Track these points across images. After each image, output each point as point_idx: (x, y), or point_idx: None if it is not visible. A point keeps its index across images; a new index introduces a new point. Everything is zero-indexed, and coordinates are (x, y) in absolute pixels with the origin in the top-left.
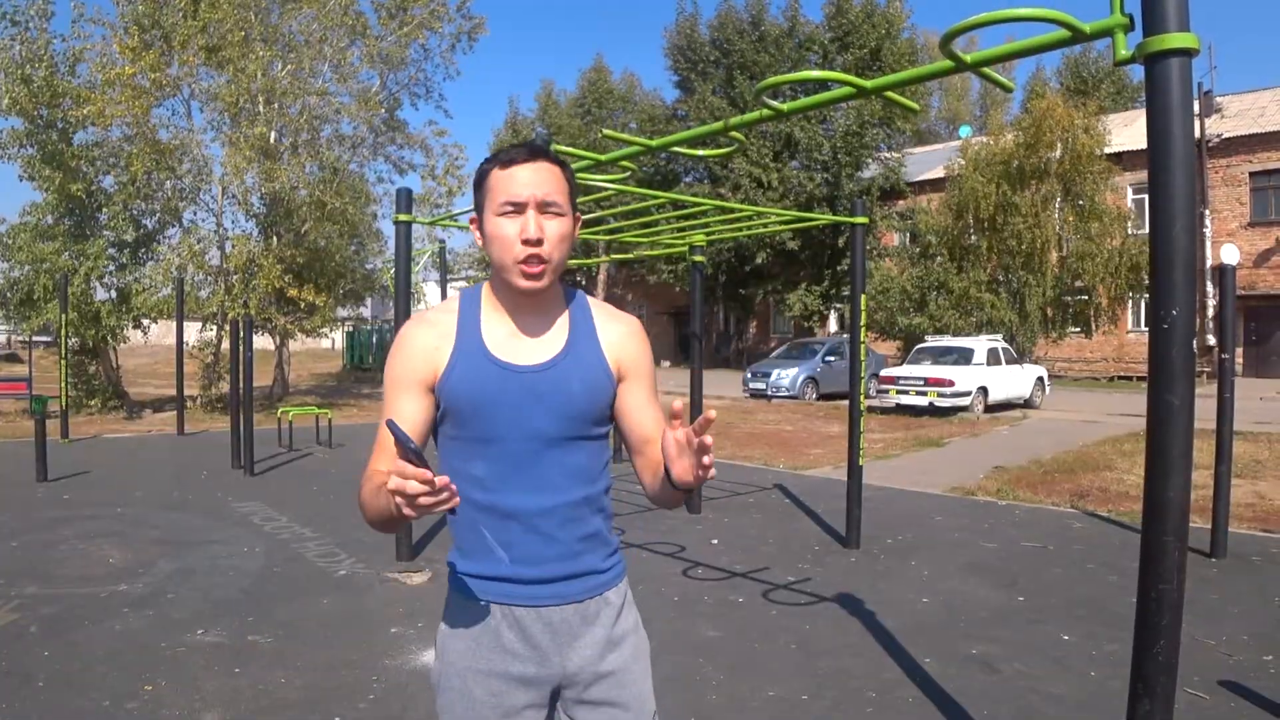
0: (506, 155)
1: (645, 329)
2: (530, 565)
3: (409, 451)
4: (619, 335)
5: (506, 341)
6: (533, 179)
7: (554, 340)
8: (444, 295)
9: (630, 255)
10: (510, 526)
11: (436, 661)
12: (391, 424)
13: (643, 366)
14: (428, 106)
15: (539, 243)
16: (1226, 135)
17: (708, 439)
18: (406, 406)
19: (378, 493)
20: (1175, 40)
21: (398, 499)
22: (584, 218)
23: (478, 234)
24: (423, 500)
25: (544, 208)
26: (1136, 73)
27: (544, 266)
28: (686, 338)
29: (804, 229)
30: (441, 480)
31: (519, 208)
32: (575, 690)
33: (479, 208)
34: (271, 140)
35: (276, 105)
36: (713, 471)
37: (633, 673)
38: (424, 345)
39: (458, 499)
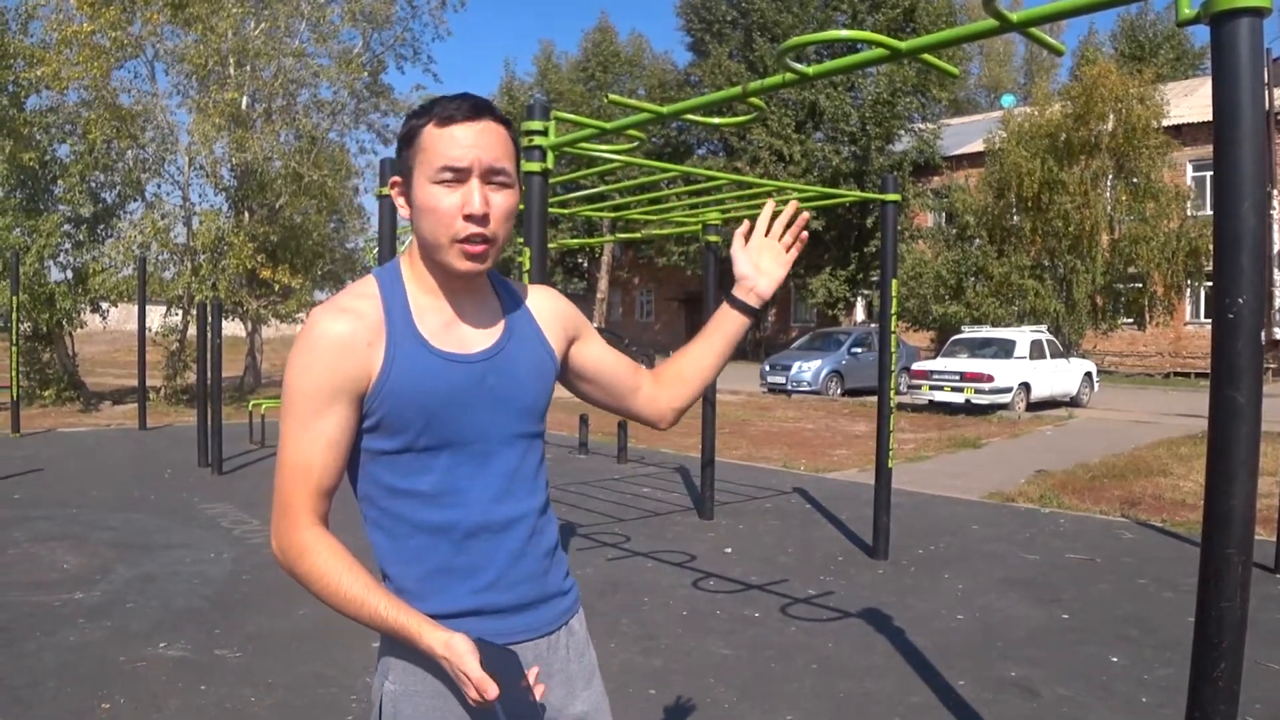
0: (444, 109)
1: (654, 316)
2: (504, 590)
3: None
4: (549, 305)
5: (443, 329)
6: (477, 140)
7: (493, 323)
8: None
9: (637, 235)
10: (472, 547)
11: None
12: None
13: (585, 321)
14: (415, 70)
15: (485, 219)
16: None
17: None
18: (328, 423)
19: (363, 599)
20: None
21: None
22: (588, 192)
23: (403, 203)
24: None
25: (489, 176)
26: (1199, 36)
27: (487, 246)
28: (698, 326)
29: (829, 207)
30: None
31: (460, 175)
32: None
33: (404, 171)
34: (243, 106)
35: (249, 68)
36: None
37: (603, 712)
38: (352, 343)
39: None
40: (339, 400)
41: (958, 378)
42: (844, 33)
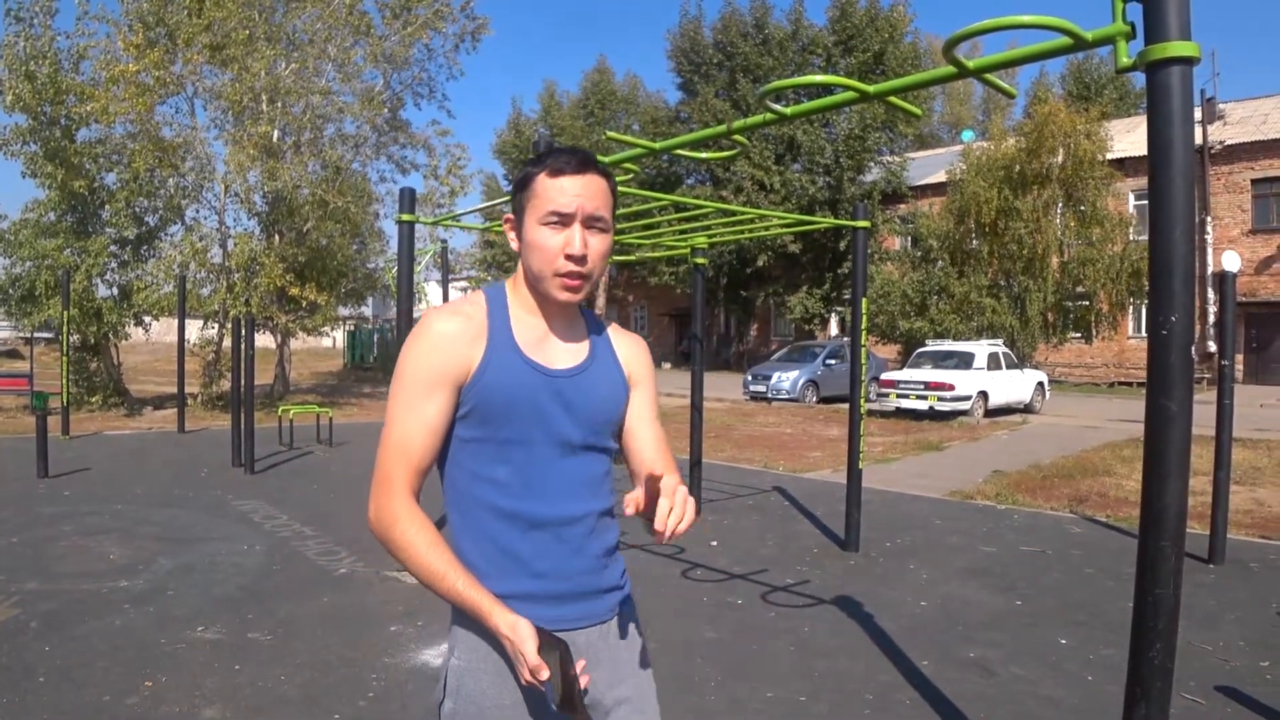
0: (555, 162)
1: (645, 330)
2: (558, 580)
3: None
4: (630, 348)
5: (537, 344)
6: (582, 190)
7: (580, 347)
8: (445, 295)
9: (632, 257)
10: (535, 537)
11: (448, 700)
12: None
13: (649, 377)
14: (431, 106)
15: (584, 259)
16: (1229, 142)
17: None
18: (431, 407)
19: (444, 573)
20: (1177, 49)
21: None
22: None
23: (514, 237)
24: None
25: (590, 222)
26: (1139, 79)
27: (583, 282)
28: (687, 339)
29: (805, 232)
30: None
31: (565, 220)
32: (596, 716)
33: (518, 210)
34: (274, 139)
35: (280, 104)
36: (682, 526)
37: (649, 697)
38: (460, 338)
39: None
40: (441, 387)
41: (922, 386)
42: (819, 77)
